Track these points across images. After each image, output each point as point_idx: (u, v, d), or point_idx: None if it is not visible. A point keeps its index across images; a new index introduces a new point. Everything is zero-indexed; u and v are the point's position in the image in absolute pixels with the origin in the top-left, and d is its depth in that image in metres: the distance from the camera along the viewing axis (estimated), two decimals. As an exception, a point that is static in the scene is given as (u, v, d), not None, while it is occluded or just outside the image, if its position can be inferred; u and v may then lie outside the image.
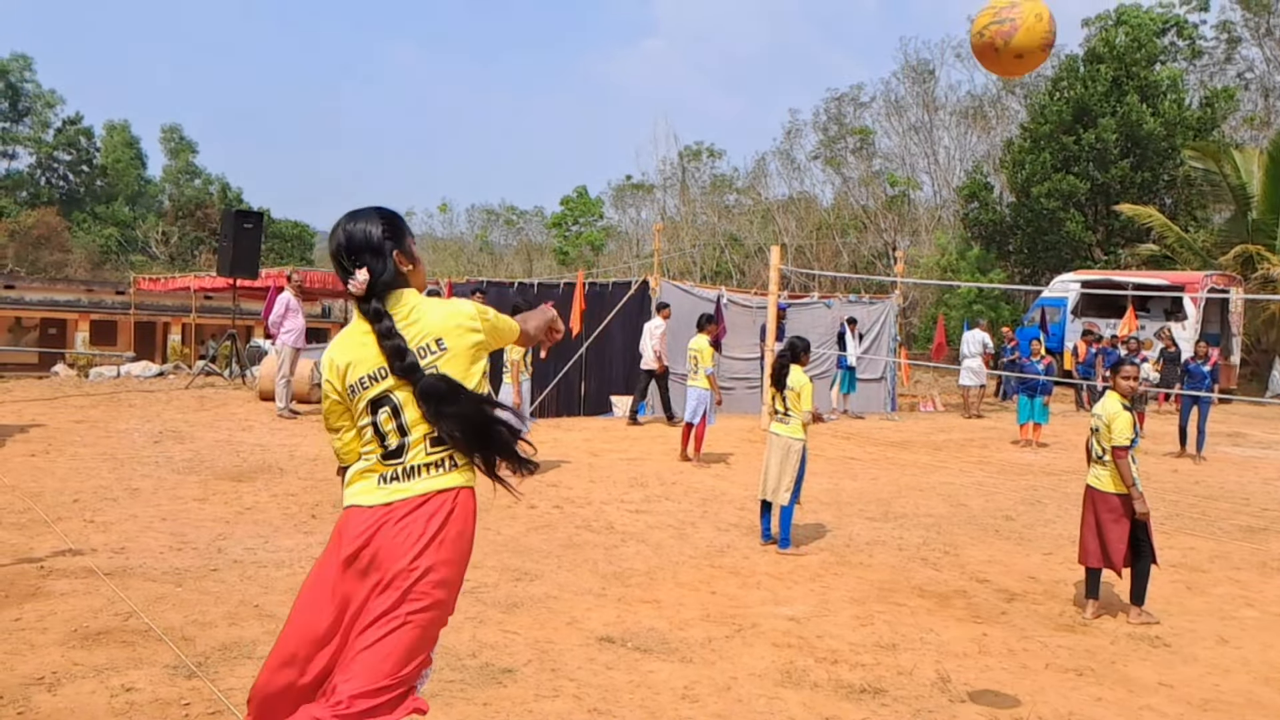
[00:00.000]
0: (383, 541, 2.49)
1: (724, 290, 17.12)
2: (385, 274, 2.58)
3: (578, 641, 5.01)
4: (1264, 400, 21.87)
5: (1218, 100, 33.02)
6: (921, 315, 34.07)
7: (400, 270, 2.64)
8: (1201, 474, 12.21)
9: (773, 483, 7.20)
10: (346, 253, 2.60)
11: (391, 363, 2.52)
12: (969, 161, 41.21)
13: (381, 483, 2.55)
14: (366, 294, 2.56)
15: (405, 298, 2.62)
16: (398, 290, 2.62)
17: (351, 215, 2.66)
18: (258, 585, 5.58)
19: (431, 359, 2.55)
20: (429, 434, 2.56)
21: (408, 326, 2.56)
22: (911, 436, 14.57)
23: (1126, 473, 5.86)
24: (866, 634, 5.41)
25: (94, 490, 7.76)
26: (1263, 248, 23.57)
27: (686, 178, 50.94)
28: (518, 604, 5.54)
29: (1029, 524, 8.68)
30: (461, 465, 2.61)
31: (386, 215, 2.68)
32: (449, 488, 2.57)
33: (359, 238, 2.60)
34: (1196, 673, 5.10)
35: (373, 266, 2.56)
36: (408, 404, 2.55)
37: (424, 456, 2.56)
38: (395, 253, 2.63)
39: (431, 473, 2.56)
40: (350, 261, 2.59)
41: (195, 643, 4.58)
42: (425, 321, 2.59)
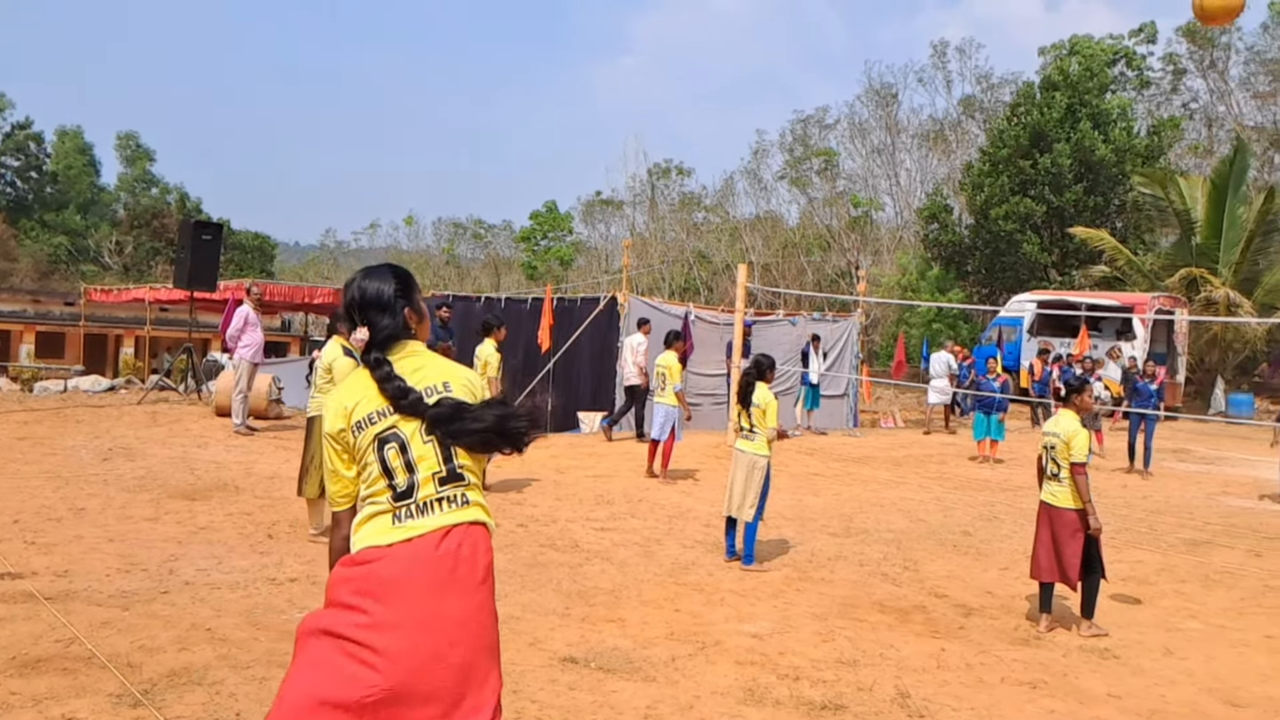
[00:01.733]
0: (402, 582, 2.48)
1: (692, 307, 17.26)
2: (393, 328, 2.69)
3: (540, 662, 5.04)
4: (1207, 417, 22.44)
5: (1164, 129, 33.96)
6: (883, 333, 34.52)
7: (409, 325, 2.75)
8: (1149, 489, 12.52)
9: (737, 499, 7.30)
10: (360, 307, 2.71)
11: (396, 402, 2.59)
12: (929, 184, 41.98)
13: (396, 521, 2.56)
14: (368, 346, 2.67)
15: (412, 348, 2.72)
16: (404, 342, 2.72)
17: (367, 272, 2.79)
18: (210, 608, 5.47)
19: (439, 397, 2.62)
20: (436, 472, 2.60)
21: (414, 373, 2.65)
22: (873, 452, 14.78)
23: (1085, 488, 6.04)
24: (828, 650, 5.51)
25: (36, 510, 7.48)
26: (1206, 271, 24.22)
27: (656, 195, 51.29)
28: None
29: (986, 539, 8.86)
30: (473, 501, 2.65)
31: (399, 273, 2.80)
32: (465, 522, 2.60)
33: (372, 294, 2.71)
34: (1144, 684, 5.27)
35: (380, 323, 2.68)
36: (414, 439, 2.60)
37: (434, 493, 2.59)
38: (406, 309, 2.74)
39: (445, 507, 2.59)
40: (361, 316, 2.69)
41: (141, 669, 4.45)
42: (431, 369, 2.69)
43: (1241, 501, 11.91)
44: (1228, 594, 7.31)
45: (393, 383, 2.59)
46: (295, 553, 6.86)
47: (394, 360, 2.65)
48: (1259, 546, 9.16)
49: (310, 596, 5.85)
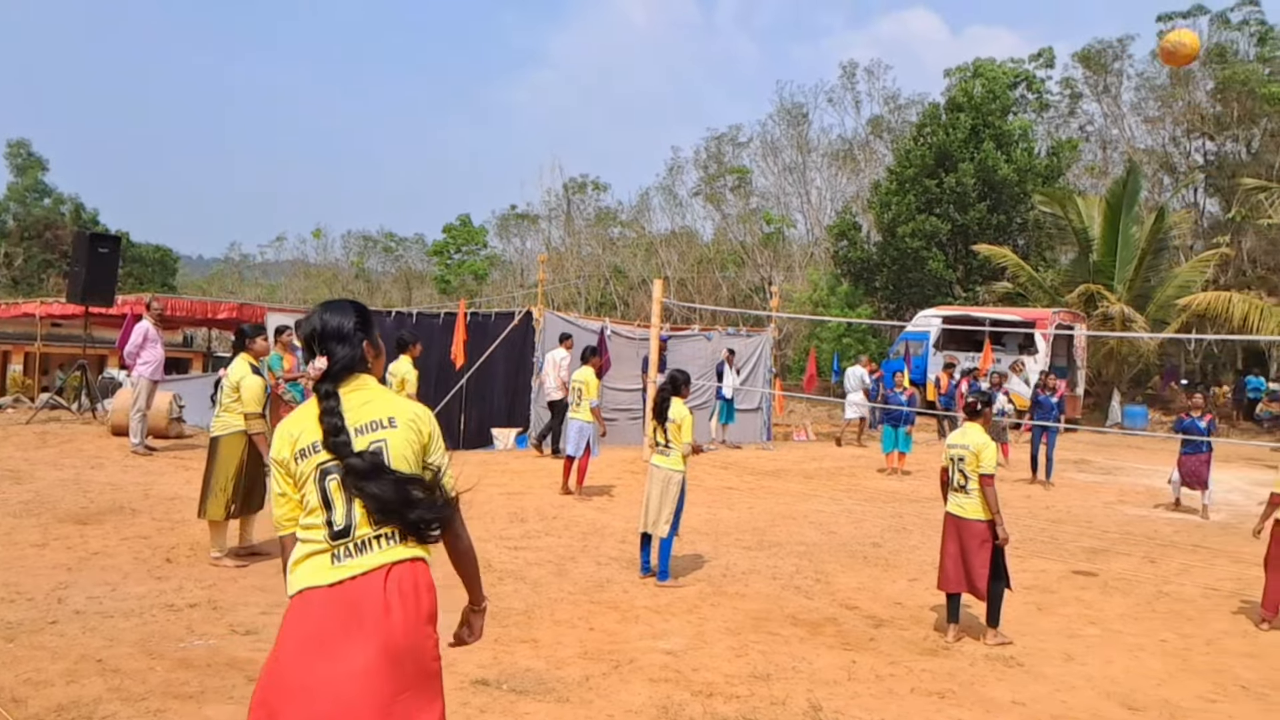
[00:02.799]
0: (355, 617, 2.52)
1: (608, 322, 17.25)
2: (350, 361, 2.76)
3: (451, 685, 4.92)
4: (1105, 429, 23.34)
5: (1063, 150, 35.32)
6: (795, 347, 35.02)
7: (366, 358, 2.81)
8: (1051, 499, 12.93)
9: (653, 515, 7.29)
10: (320, 338, 2.78)
11: (326, 437, 2.63)
12: (839, 201, 42.80)
13: (334, 561, 2.58)
14: (322, 378, 2.74)
15: (365, 382, 2.78)
16: (361, 375, 2.79)
17: (328, 305, 2.89)
18: (102, 638, 5.24)
19: (381, 432, 2.67)
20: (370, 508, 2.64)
21: (361, 406, 2.70)
22: (786, 465, 14.96)
23: (994, 499, 6.19)
24: (741, 665, 5.53)
25: (-84, 538, 7.09)
26: (1102, 287, 25.21)
27: (572, 209, 51.21)
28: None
29: (895, 550, 9.02)
30: (411, 538, 2.67)
31: (359, 308, 2.90)
32: (406, 559, 2.63)
33: (333, 326, 2.79)
34: (1046, 690, 5.41)
35: (338, 353, 2.75)
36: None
37: (372, 530, 2.61)
38: (364, 343, 2.82)
39: (384, 544, 2.62)
40: (320, 347, 2.77)
41: (27, 704, 4.26)
42: (378, 404, 2.74)
43: (1137, 510, 12.39)
44: (1124, 600, 7.58)
45: (330, 418, 2.65)
46: (195, 577, 6.61)
47: (344, 393, 2.71)
48: (1153, 553, 9.53)
49: (210, 623, 5.64)
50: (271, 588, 6.50)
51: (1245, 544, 9.29)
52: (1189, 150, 36.39)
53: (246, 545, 7.39)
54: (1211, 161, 35.31)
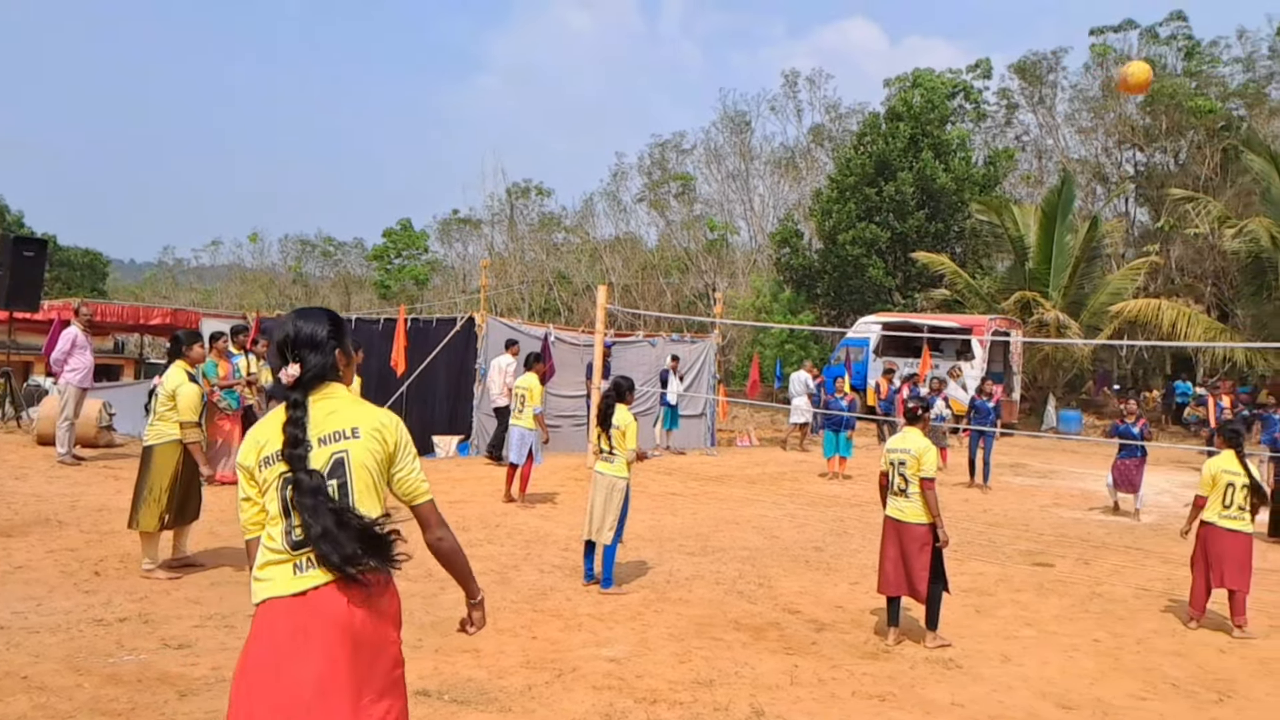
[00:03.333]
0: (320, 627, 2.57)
1: (552, 328, 17.18)
2: (321, 369, 2.79)
3: (395, 693, 4.87)
4: (1040, 433, 23.86)
5: (999, 159, 36.11)
6: (738, 353, 35.25)
7: (337, 366, 2.85)
8: (988, 502, 13.17)
9: (597, 522, 7.26)
10: (292, 346, 2.79)
11: (284, 446, 2.66)
12: (781, 209, 43.25)
13: (296, 571, 2.62)
14: (294, 385, 2.75)
15: (335, 391, 2.82)
16: (331, 384, 2.82)
17: (301, 313, 2.91)
18: (27, 654, 5.07)
19: (344, 443, 2.71)
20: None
21: (326, 416, 2.74)
22: (729, 471, 15.03)
23: (935, 503, 6.27)
24: (685, 671, 5.52)
25: None
26: (1038, 294, 25.78)
27: (515, 214, 50.97)
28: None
29: (837, 554, 9.11)
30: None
31: (333, 317, 2.92)
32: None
33: (306, 334, 2.81)
34: (984, 691, 5.49)
35: (310, 361, 2.77)
36: None
37: None
38: (336, 351, 2.85)
39: None
40: (292, 354, 2.78)
41: None
42: (344, 413, 2.77)
43: (1072, 513, 12.67)
44: (1060, 601, 7.73)
45: (292, 428, 2.68)
46: (126, 590, 6.42)
47: (313, 401, 2.75)
48: (1087, 555, 9.74)
49: (141, 637, 5.48)
50: (206, 600, 6.34)
51: (1174, 545, 9.55)
52: (1120, 161, 37.43)
53: (180, 557, 7.20)
54: (1141, 172, 36.37)
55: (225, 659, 5.23)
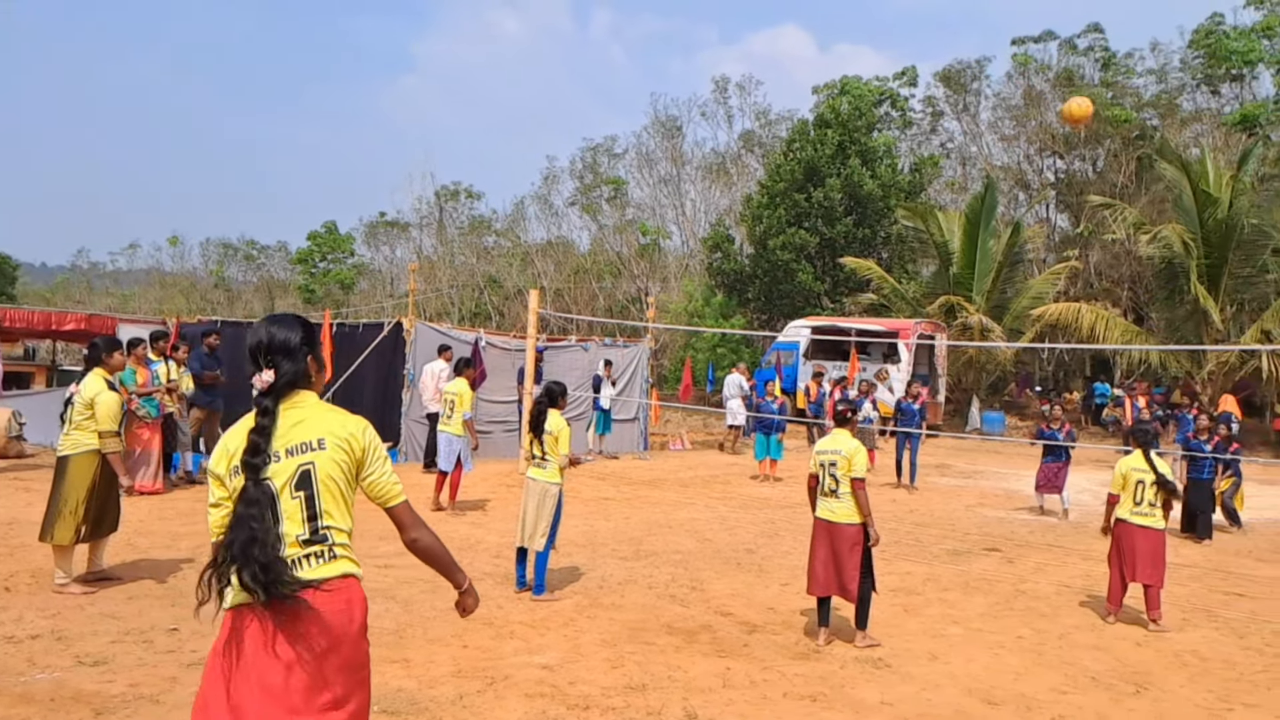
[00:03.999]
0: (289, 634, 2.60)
1: (483, 333, 17.02)
2: (294, 375, 2.81)
3: (321, 706, 4.76)
4: (964, 435, 24.40)
5: (924, 166, 36.89)
6: (671, 358, 35.37)
7: (308, 374, 2.88)
8: (915, 503, 13.41)
9: (529, 528, 7.20)
10: (265, 351, 2.81)
11: (244, 452, 2.69)
12: (713, 214, 43.57)
13: None
14: (267, 391, 2.77)
15: (305, 399, 2.84)
16: (301, 391, 2.84)
17: (274, 319, 2.93)
18: (-62, 671, 4.88)
19: (310, 454, 2.74)
20: (300, 535, 2.71)
21: (293, 426, 2.76)
22: (662, 475, 15.06)
23: (866, 502, 6.35)
24: (617, 676, 5.51)
25: None
26: (962, 298, 26.36)
27: (444, 217, 50.43)
28: (255, 670, 5.19)
29: (768, 555, 9.18)
30: (340, 555, 2.76)
31: (305, 323, 2.95)
32: (334, 576, 2.72)
33: (280, 340, 2.83)
34: (913, 690, 5.58)
35: (284, 367, 2.79)
36: (283, 492, 2.70)
37: (300, 551, 2.70)
38: (309, 357, 2.87)
39: (313, 563, 2.71)
40: (265, 360, 2.80)
41: None
42: (312, 423, 2.79)
43: (996, 512, 12.97)
44: (985, 599, 7.90)
45: (255, 436, 2.70)
46: (38, 606, 6.18)
47: (282, 409, 2.77)
48: (1011, 554, 9.98)
49: (55, 654, 5.28)
50: (123, 615, 6.13)
51: (1095, 542, 9.83)
52: (1041, 168, 38.51)
53: (95, 571, 6.95)
54: (1062, 179, 37.45)
55: (143, 675, 5.06)
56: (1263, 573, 9.58)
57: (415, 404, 14.35)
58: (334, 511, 2.76)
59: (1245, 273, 22.69)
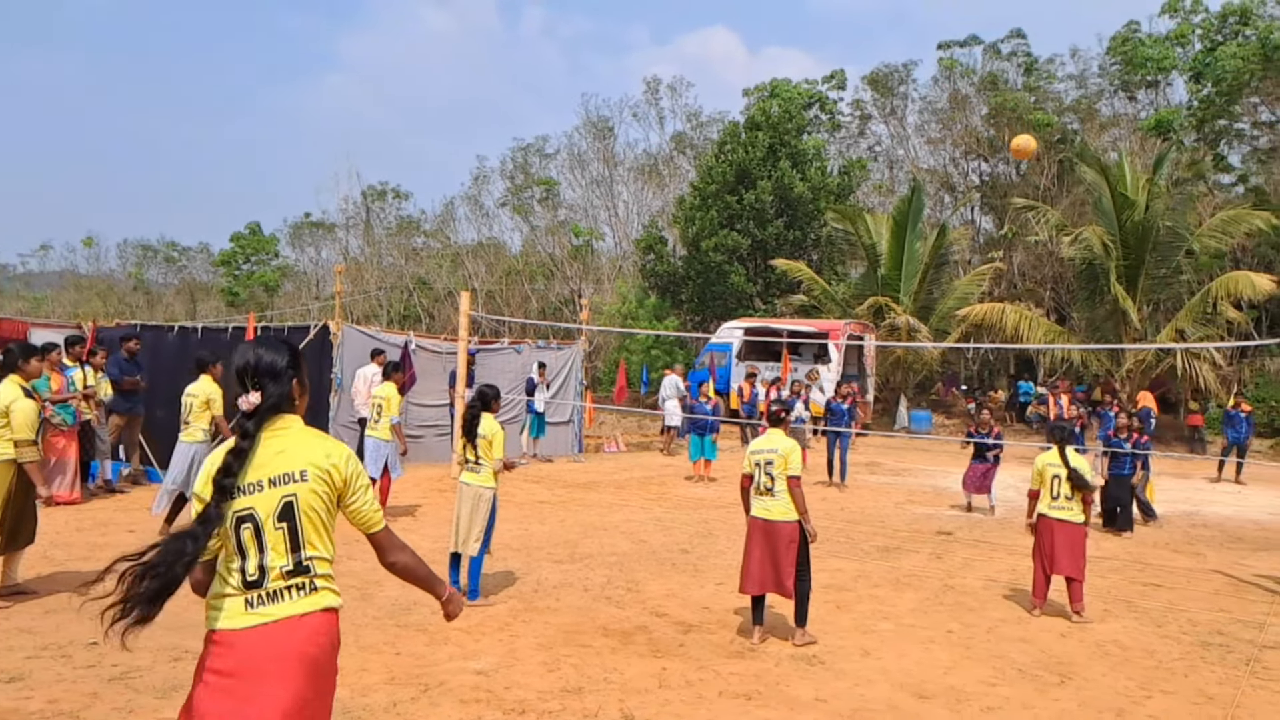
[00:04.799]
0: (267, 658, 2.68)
1: (412, 335, 16.78)
2: (279, 399, 2.87)
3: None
4: (893, 433, 24.84)
5: (853, 169, 37.43)
6: (605, 360, 35.35)
7: (293, 397, 2.93)
8: (846, 501, 13.60)
9: (463, 533, 7.12)
10: (252, 374, 2.86)
11: (215, 471, 2.73)
12: (646, 216, 43.59)
13: (248, 607, 2.72)
14: (252, 413, 2.82)
15: (289, 423, 2.89)
16: (285, 415, 2.89)
17: (261, 342, 3.00)
18: None
19: (292, 486, 2.79)
20: (284, 566, 2.76)
21: (276, 455, 2.80)
22: (597, 477, 15.03)
23: (802, 499, 6.41)
24: (554, 680, 5.47)
25: None
26: (890, 299, 26.83)
27: (371, 218, 49.66)
28: (177, 687, 5.04)
29: (703, 555, 9.22)
30: (321, 587, 2.82)
31: (292, 348, 3.01)
32: (315, 610, 2.78)
33: (266, 363, 2.88)
34: (846, 685, 5.65)
35: (269, 390, 2.84)
36: (267, 523, 2.75)
37: (283, 582, 2.76)
38: (294, 381, 2.93)
39: (294, 595, 2.77)
40: (252, 382, 2.85)
41: None
42: (294, 452, 2.83)
43: (924, 509, 13.21)
44: (915, 595, 8.04)
45: (231, 457, 2.75)
46: (-55, 623, 5.91)
47: (266, 435, 2.82)
48: (939, 549, 10.18)
49: (-36, 673, 5.05)
50: (40, 629, 5.91)
51: (1020, 537, 10.08)
52: (967, 171, 39.37)
53: (10, 585, 6.69)
54: (986, 182, 38.33)
55: (62, 691, 4.88)
56: (1178, 564, 9.93)
57: (343, 409, 14.10)
58: (316, 542, 2.82)
59: (1161, 273, 23.51)
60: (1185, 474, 18.87)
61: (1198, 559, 10.25)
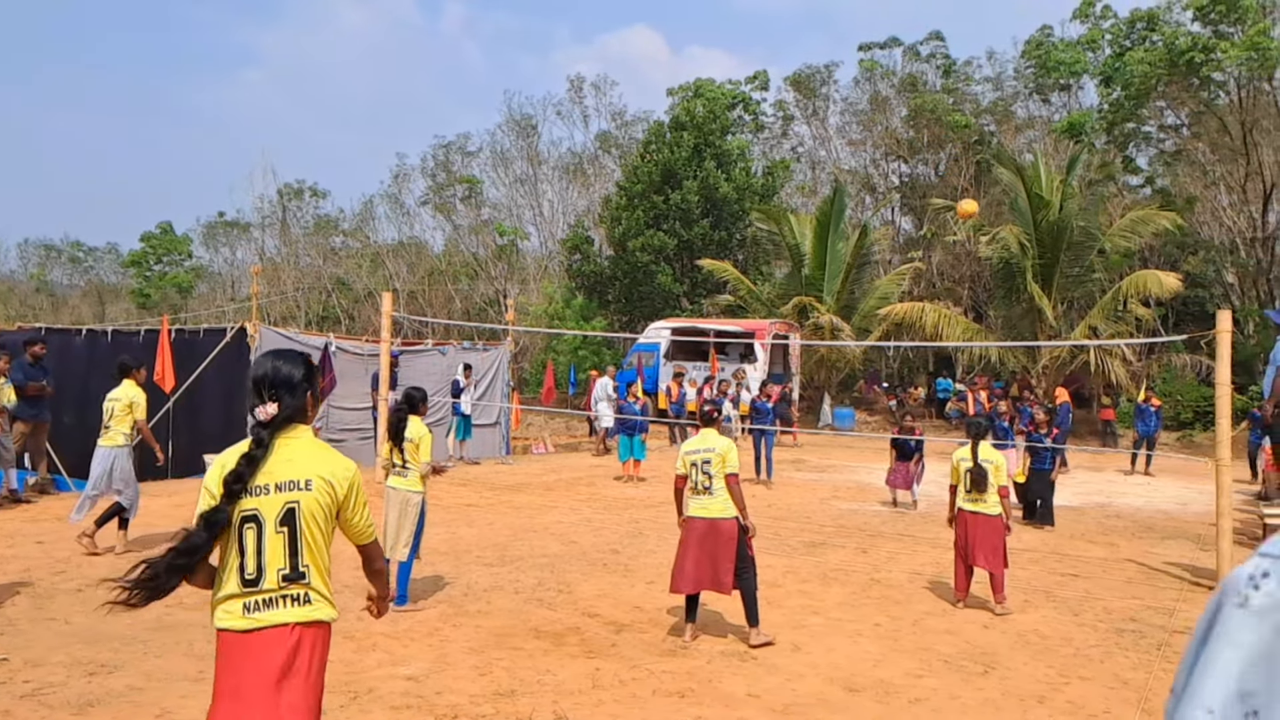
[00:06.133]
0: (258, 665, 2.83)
1: (332, 337, 16.46)
2: (294, 409, 3.01)
3: (169, 733, 4.48)
4: (818, 430, 25.20)
5: (777, 170, 37.86)
6: (531, 360, 35.17)
7: (306, 409, 3.07)
8: (772, 497, 13.73)
9: (391, 538, 6.99)
10: (269, 385, 2.99)
11: (228, 476, 2.86)
12: (571, 215, 43.52)
13: (246, 611, 2.86)
14: (268, 423, 2.96)
15: (300, 433, 3.03)
16: (297, 426, 3.03)
17: (278, 354, 3.13)
18: None
19: (296, 494, 2.92)
20: (281, 569, 2.88)
21: (285, 463, 2.94)
22: (526, 479, 14.92)
23: (741, 496, 6.43)
24: (486, 684, 5.40)
25: None
26: (814, 299, 27.21)
27: (288, 217, 48.59)
28: (93, 702, 4.84)
29: (633, 555, 9.21)
30: (315, 599, 2.94)
31: (307, 360, 3.16)
32: (308, 621, 2.91)
33: (284, 375, 3.02)
34: (778, 681, 5.69)
35: (286, 401, 2.99)
36: (269, 525, 2.88)
37: (279, 587, 2.89)
38: (308, 393, 3.07)
39: (289, 604, 2.89)
40: (269, 393, 2.98)
41: None
42: (301, 461, 2.97)
43: (849, 505, 13.41)
44: (842, 589, 8.15)
45: (245, 462, 2.88)
46: None
47: (278, 443, 2.96)
48: (865, 544, 10.34)
49: None
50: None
51: (943, 531, 10.27)
52: (887, 172, 40.14)
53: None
54: (906, 182, 39.13)
55: (-37, 713, 4.64)
56: (1094, 554, 10.25)
57: (264, 412, 13.75)
58: (314, 549, 2.95)
59: (1075, 272, 24.29)
60: (1099, 466, 19.51)
61: (1112, 549, 10.60)
